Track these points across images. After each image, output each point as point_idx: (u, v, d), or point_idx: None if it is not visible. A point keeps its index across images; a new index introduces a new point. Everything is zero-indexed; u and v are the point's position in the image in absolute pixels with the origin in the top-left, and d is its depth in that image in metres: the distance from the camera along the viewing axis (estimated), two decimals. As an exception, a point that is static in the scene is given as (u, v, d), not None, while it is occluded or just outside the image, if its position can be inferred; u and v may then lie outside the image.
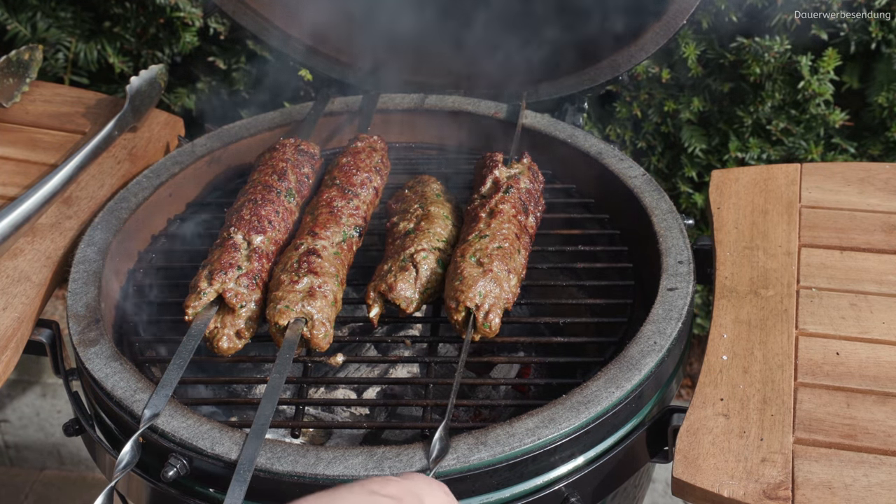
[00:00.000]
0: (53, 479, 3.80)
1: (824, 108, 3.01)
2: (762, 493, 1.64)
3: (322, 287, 1.91)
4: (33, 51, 2.73)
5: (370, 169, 2.22)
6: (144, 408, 1.74)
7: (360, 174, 2.19)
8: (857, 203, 2.24)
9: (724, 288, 2.02)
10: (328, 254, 1.99)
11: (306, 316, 1.88)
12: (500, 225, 2.02)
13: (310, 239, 2.00)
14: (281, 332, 1.87)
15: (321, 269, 1.94)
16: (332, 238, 2.03)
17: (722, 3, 2.99)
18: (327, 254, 1.99)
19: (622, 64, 2.46)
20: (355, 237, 2.09)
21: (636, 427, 1.83)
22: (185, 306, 1.92)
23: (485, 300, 1.89)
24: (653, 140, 3.23)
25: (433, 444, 1.65)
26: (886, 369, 1.85)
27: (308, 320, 1.88)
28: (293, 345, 1.84)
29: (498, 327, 1.90)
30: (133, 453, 1.70)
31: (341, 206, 2.10)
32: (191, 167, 2.38)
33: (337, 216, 2.07)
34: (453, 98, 2.56)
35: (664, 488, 3.42)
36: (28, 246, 2.17)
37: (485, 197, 2.11)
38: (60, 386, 3.64)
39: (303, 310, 1.87)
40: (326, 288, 1.91)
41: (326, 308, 1.90)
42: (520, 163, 2.21)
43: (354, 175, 2.18)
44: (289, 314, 1.87)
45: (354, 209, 2.12)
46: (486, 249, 1.96)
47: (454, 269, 1.95)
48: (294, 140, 2.30)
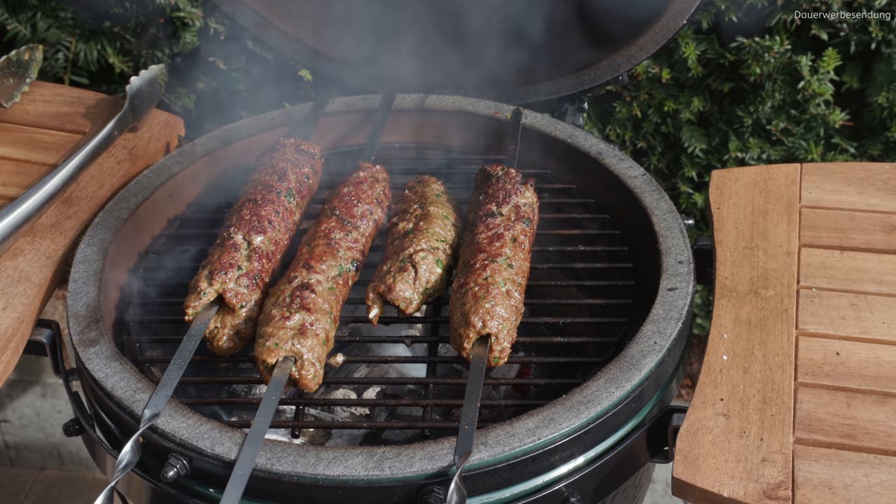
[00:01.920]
0: (53, 479, 3.80)
1: (824, 108, 3.01)
2: (762, 493, 1.63)
3: (314, 325, 1.83)
4: (33, 51, 2.73)
5: (371, 200, 2.14)
6: (145, 408, 1.74)
7: (360, 206, 2.11)
8: (857, 203, 2.24)
9: (724, 288, 2.02)
10: (322, 289, 1.90)
11: (296, 355, 1.79)
12: (526, 258, 2.00)
13: (304, 272, 1.92)
14: (269, 371, 1.79)
15: (314, 306, 1.85)
16: (328, 272, 1.94)
17: (722, 3, 2.99)
18: (322, 289, 1.90)
19: (622, 64, 2.46)
20: (352, 271, 2.01)
21: (636, 427, 1.83)
22: (185, 306, 1.90)
23: (501, 330, 1.85)
24: (653, 140, 3.23)
25: (450, 493, 1.58)
26: (886, 369, 1.85)
27: (297, 359, 1.79)
28: (280, 385, 1.76)
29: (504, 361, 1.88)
30: (133, 453, 1.69)
31: (339, 238, 2.02)
32: (191, 167, 2.38)
33: (334, 249, 1.99)
34: (453, 98, 2.56)
35: (664, 488, 3.42)
36: (28, 246, 2.17)
37: (502, 216, 2.06)
38: (60, 386, 3.65)
39: (292, 348, 1.79)
40: (318, 326, 1.83)
41: (317, 347, 1.81)
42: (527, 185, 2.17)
43: (355, 206, 2.10)
44: (277, 352, 1.78)
45: (353, 242, 2.03)
46: (514, 280, 1.93)
47: (485, 289, 1.88)
48: (294, 140, 2.30)
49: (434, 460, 1.64)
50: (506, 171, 2.17)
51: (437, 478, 1.64)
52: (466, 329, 1.85)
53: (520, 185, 2.13)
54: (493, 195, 2.11)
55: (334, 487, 1.64)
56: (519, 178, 2.16)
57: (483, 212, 2.07)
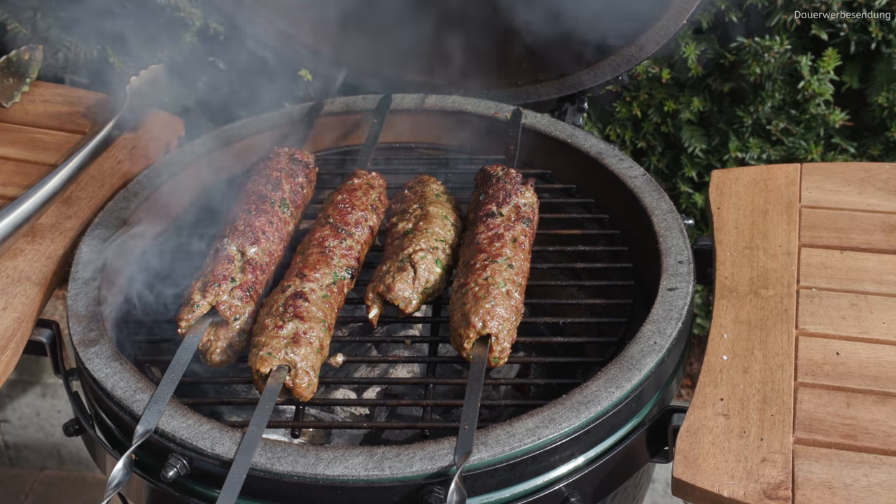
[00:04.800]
0: (53, 479, 3.80)
1: (824, 108, 3.01)
2: (762, 493, 1.63)
3: (308, 333, 1.81)
4: (33, 51, 2.73)
5: (366, 207, 2.12)
6: (137, 424, 1.72)
7: (354, 213, 2.08)
8: (857, 203, 2.24)
9: (724, 288, 2.02)
10: (316, 297, 1.89)
11: (289, 364, 1.78)
12: (526, 258, 2.00)
13: (298, 281, 1.91)
14: (263, 380, 1.79)
15: (308, 314, 1.84)
16: (322, 280, 1.93)
17: (722, 3, 2.99)
18: (315, 297, 1.89)
19: (622, 64, 2.46)
20: (347, 279, 1.99)
21: (636, 427, 1.83)
22: (178, 319, 1.88)
23: (501, 330, 1.85)
24: (653, 140, 3.23)
25: (450, 493, 1.59)
26: (886, 369, 1.85)
27: (291, 368, 1.78)
28: (274, 394, 1.75)
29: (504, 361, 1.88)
30: (125, 472, 1.66)
31: (333, 245, 2.00)
32: (191, 167, 2.38)
33: (328, 257, 1.98)
34: (453, 98, 2.56)
35: (664, 488, 3.42)
36: (28, 246, 2.17)
37: (503, 216, 2.06)
38: (60, 386, 3.65)
39: (286, 357, 1.78)
40: (312, 334, 1.82)
41: (311, 356, 1.80)
42: (527, 185, 2.17)
43: (349, 213, 2.08)
44: (271, 361, 1.77)
45: (347, 249, 2.01)
46: (514, 280, 1.93)
47: (485, 290, 1.88)
48: (288, 149, 2.28)
49: (434, 460, 1.64)
50: (506, 172, 2.17)
51: (437, 478, 1.64)
52: (466, 329, 1.85)
53: (520, 185, 2.13)
54: (494, 195, 2.11)
55: (334, 487, 1.64)
56: (519, 178, 2.16)
57: (483, 212, 2.07)
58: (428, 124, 2.56)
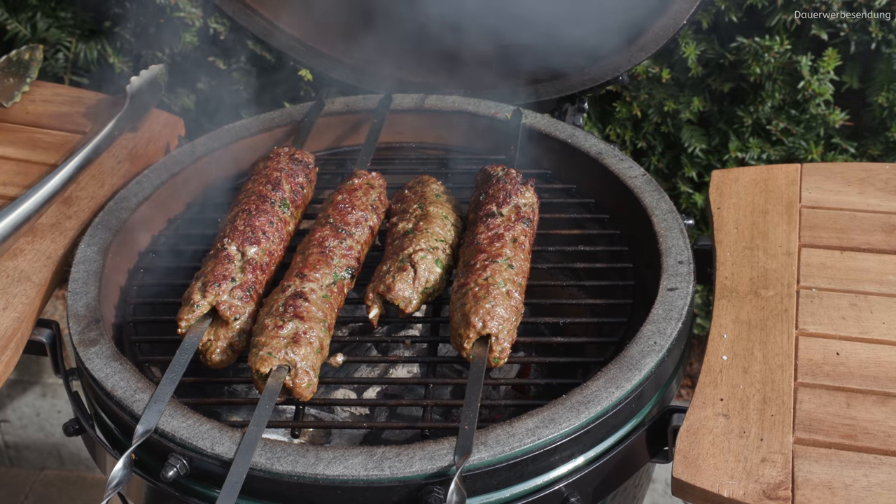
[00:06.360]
0: (53, 479, 3.80)
1: (824, 108, 3.01)
2: (762, 493, 1.64)
3: (308, 333, 1.81)
4: (33, 51, 2.73)
5: (366, 207, 2.11)
6: (137, 424, 1.72)
7: (355, 212, 2.08)
8: (857, 203, 2.24)
9: (724, 288, 2.02)
10: (316, 297, 1.89)
11: (289, 364, 1.78)
12: (526, 259, 2.00)
13: (298, 281, 1.91)
14: (263, 380, 1.78)
15: (308, 314, 1.84)
16: (322, 280, 1.93)
17: (722, 3, 2.99)
18: (315, 297, 1.89)
19: (622, 64, 2.46)
20: (347, 279, 1.98)
21: (636, 427, 1.83)
22: (178, 319, 1.89)
23: (501, 330, 1.84)
24: (653, 140, 3.23)
25: (450, 493, 1.59)
26: (886, 369, 1.85)
27: (291, 368, 1.78)
28: (274, 394, 1.75)
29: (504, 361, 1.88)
30: (125, 472, 1.66)
31: (333, 245, 2.00)
32: (191, 167, 2.38)
33: (328, 257, 1.97)
34: (453, 98, 2.56)
35: (664, 488, 3.42)
36: (28, 246, 2.17)
37: (503, 216, 2.07)
38: (60, 386, 3.65)
39: (286, 357, 1.78)
40: (312, 334, 1.82)
41: (311, 356, 1.80)
42: (527, 185, 2.17)
43: (349, 213, 2.07)
44: (271, 361, 1.77)
45: (347, 249, 2.01)
46: (514, 281, 1.93)
47: (486, 290, 1.88)
48: (288, 149, 2.28)
49: (434, 460, 1.64)
50: (506, 172, 2.17)
51: (436, 478, 1.64)
52: (466, 329, 1.85)
53: (520, 185, 2.13)
54: (494, 195, 2.11)
55: (334, 487, 1.64)
56: (519, 178, 2.16)
57: (483, 212, 2.07)
58: (428, 124, 2.56)
